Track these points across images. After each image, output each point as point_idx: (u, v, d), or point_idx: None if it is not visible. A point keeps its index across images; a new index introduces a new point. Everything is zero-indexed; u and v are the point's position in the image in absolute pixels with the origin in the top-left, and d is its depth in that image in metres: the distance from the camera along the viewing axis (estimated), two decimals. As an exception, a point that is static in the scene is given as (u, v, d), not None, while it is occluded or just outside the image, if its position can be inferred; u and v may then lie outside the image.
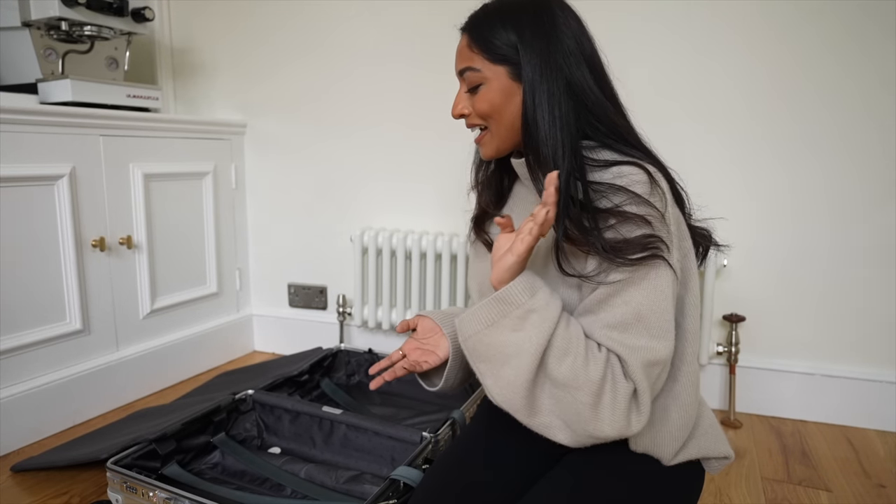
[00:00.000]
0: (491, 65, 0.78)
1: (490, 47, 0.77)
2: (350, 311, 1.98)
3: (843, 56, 1.46)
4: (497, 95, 0.78)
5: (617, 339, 0.70)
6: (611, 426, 0.69)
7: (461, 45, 0.81)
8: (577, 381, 0.68)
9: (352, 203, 1.98)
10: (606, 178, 0.73)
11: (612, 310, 0.70)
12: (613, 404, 0.68)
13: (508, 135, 0.80)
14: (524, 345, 0.69)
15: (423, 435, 1.24)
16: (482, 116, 0.81)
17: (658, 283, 0.70)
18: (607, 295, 0.71)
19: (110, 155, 1.59)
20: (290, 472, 1.25)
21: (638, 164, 0.72)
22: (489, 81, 0.78)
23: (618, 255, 0.68)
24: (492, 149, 0.82)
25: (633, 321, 0.70)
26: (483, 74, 0.78)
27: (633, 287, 0.70)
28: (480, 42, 0.78)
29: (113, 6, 1.60)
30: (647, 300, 0.70)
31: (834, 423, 1.59)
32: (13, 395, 1.40)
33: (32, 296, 1.44)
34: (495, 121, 0.80)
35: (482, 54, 0.78)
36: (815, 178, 1.53)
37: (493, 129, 0.81)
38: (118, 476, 1.12)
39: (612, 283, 0.70)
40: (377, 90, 1.89)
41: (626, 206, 0.70)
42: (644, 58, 1.60)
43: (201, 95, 2.12)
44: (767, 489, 1.27)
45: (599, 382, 0.68)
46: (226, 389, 1.63)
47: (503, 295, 0.71)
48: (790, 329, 1.61)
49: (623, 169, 0.72)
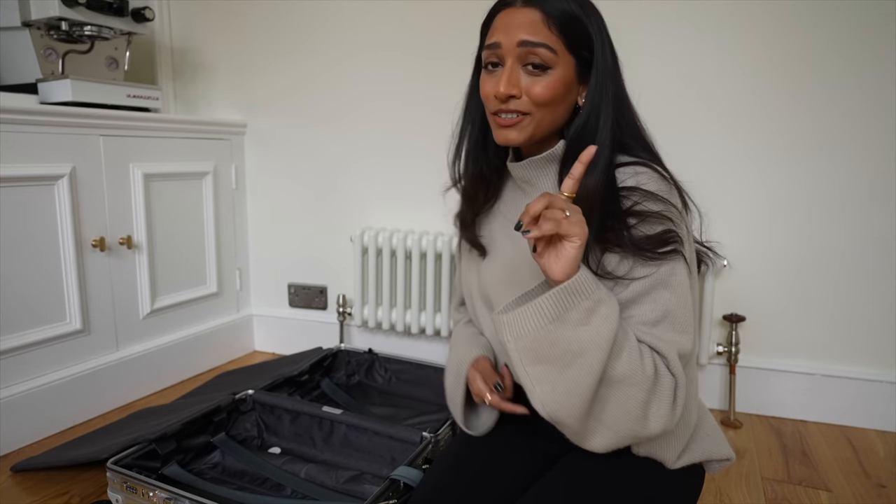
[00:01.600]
0: (566, 51, 0.72)
1: (569, 32, 0.71)
2: (350, 311, 1.98)
3: (852, 54, 1.46)
4: (562, 85, 0.72)
5: (654, 334, 0.70)
6: (657, 422, 0.68)
7: (529, 17, 0.71)
8: (635, 377, 0.66)
9: (352, 203, 1.98)
10: (621, 178, 0.73)
11: (642, 307, 0.71)
12: (661, 399, 0.68)
13: (550, 127, 0.76)
14: (595, 339, 0.63)
15: (423, 435, 1.24)
16: (538, 103, 0.73)
17: (681, 279, 0.71)
18: (636, 294, 0.71)
19: (110, 155, 1.59)
20: (290, 472, 1.25)
21: (649, 165, 0.73)
22: (559, 67, 0.72)
23: (644, 251, 0.69)
24: (526, 135, 0.75)
25: (663, 318, 0.70)
26: (557, 58, 0.71)
27: (660, 286, 0.70)
28: (560, 22, 0.71)
29: (113, 6, 1.60)
30: (673, 298, 0.70)
31: (834, 423, 1.59)
32: (13, 395, 1.40)
33: (32, 296, 1.44)
34: (548, 110, 0.73)
35: (561, 37, 0.71)
36: (815, 179, 1.53)
37: (539, 117, 0.74)
38: (118, 476, 1.12)
39: (639, 282, 0.70)
40: (378, 90, 1.88)
41: (645, 203, 0.70)
42: (652, 54, 1.60)
43: (201, 95, 2.12)
44: (767, 489, 1.27)
45: (653, 377, 0.67)
46: (226, 389, 1.63)
47: (574, 285, 0.63)
48: (790, 329, 1.61)
49: (637, 169, 0.73)
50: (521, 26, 0.71)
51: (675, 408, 0.69)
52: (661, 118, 1.61)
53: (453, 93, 1.78)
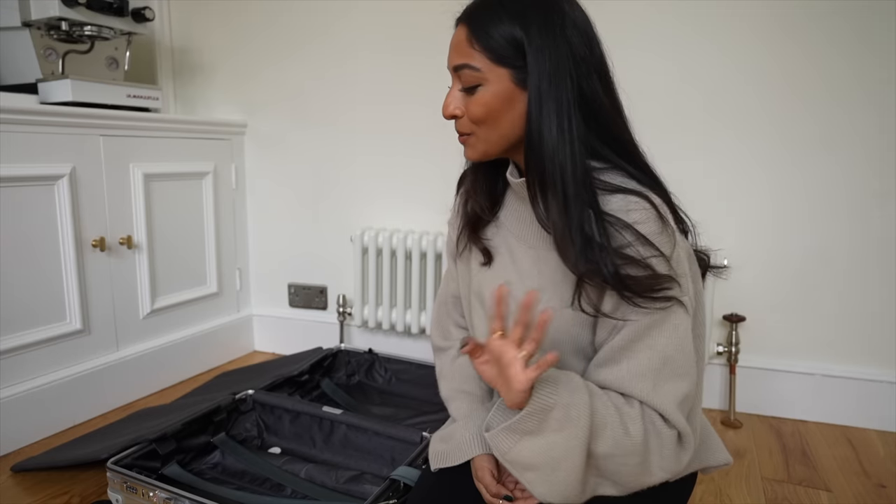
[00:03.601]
0: (493, 65, 0.69)
1: (493, 45, 0.68)
2: (350, 311, 1.98)
3: (855, 56, 1.46)
4: (496, 100, 0.70)
5: (648, 389, 0.67)
6: (662, 472, 0.68)
7: (458, 37, 0.72)
8: (622, 448, 0.66)
9: (352, 203, 1.98)
10: (613, 207, 0.68)
11: (638, 356, 0.67)
12: (661, 454, 0.67)
13: (500, 142, 0.73)
14: (572, 441, 0.65)
15: (423, 435, 1.24)
16: (475, 121, 0.72)
17: (677, 321, 0.68)
18: (629, 341, 0.68)
19: (110, 155, 1.59)
20: (291, 472, 1.25)
21: (645, 197, 0.68)
22: (488, 83, 0.70)
23: (635, 297, 0.66)
24: (478, 152, 0.74)
25: (661, 365, 0.67)
26: (482, 75, 0.69)
27: (656, 330, 0.67)
28: (482, 38, 0.69)
29: (113, 6, 1.60)
30: (670, 342, 0.67)
31: (834, 423, 1.59)
32: (13, 395, 1.40)
33: (32, 296, 1.44)
34: (489, 127, 0.72)
35: (483, 52, 0.69)
36: (814, 179, 1.53)
37: (483, 134, 0.73)
38: (118, 476, 1.12)
39: (632, 327, 0.67)
40: (378, 90, 1.88)
41: (636, 246, 0.66)
42: (655, 53, 1.60)
43: (201, 95, 2.12)
44: (767, 489, 1.27)
45: (643, 442, 0.66)
46: (226, 389, 1.63)
47: (535, 405, 0.65)
48: (790, 329, 1.61)
49: (630, 200, 0.67)
50: (454, 49, 0.72)
51: (683, 454, 0.69)
52: (662, 118, 1.62)
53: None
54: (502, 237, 0.83)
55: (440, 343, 0.99)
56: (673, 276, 0.67)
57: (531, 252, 0.78)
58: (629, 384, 0.68)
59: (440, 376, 0.96)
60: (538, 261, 0.76)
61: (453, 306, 0.98)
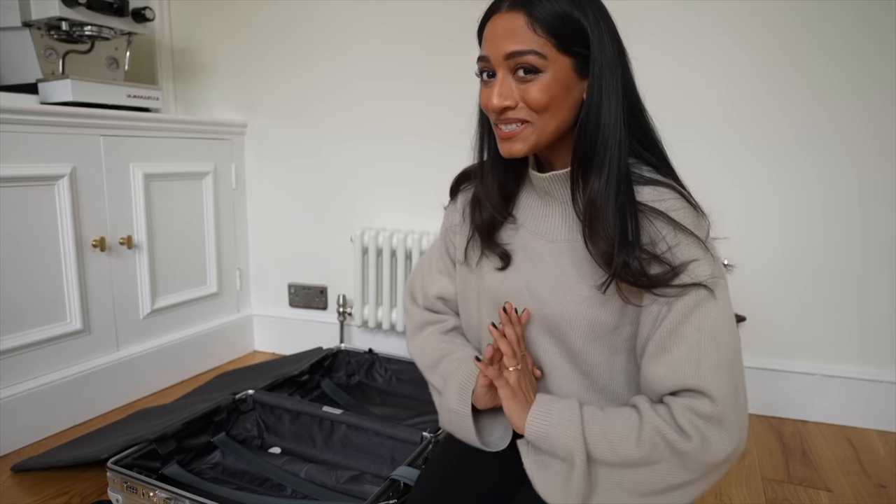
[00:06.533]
0: (557, 53, 0.68)
1: (559, 32, 0.67)
2: (350, 311, 1.98)
3: (834, 57, 1.46)
4: (558, 87, 0.69)
5: (708, 373, 0.68)
6: (722, 450, 0.70)
7: (514, 23, 0.68)
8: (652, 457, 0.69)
9: (352, 203, 1.98)
10: (646, 198, 0.70)
11: (686, 340, 0.68)
12: (679, 461, 0.69)
13: (555, 131, 0.72)
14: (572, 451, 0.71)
15: (423, 435, 1.24)
16: (536, 109, 0.69)
17: (722, 294, 0.70)
18: (676, 324, 0.68)
19: (110, 155, 1.59)
20: (291, 472, 1.25)
21: (676, 189, 0.70)
22: (551, 70, 0.68)
23: (668, 287, 0.67)
24: (529, 144, 0.72)
25: (711, 344, 0.67)
26: (546, 62, 0.68)
27: (700, 309, 0.68)
28: (547, 24, 0.67)
29: (113, 6, 1.60)
30: (718, 316, 0.68)
31: (834, 423, 1.59)
32: (13, 395, 1.40)
33: (33, 296, 1.44)
34: (550, 115, 0.70)
35: (549, 39, 0.67)
36: (813, 179, 1.53)
37: (541, 124, 0.70)
38: (118, 476, 1.12)
39: (677, 310, 0.68)
40: (378, 90, 1.88)
41: (672, 234, 0.68)
42: (663, 51, 1.60)
43: (201, 95, 2.12)
44: (768, 489, 1.27)
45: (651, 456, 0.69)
46: (226, 389, 1.63)
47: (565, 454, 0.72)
48: (790, 329, 1.61)
49: (662, 191, 0.70)
50: (505, 36, 0.69)
51: (724, 439, 0.69)
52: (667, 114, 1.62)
53: (455, 93, 1.79)
54: (519, 237, 0.82)
55: (425, 316, 0.98)
56: (711, 259, 0.69)
57: (551, 246, 0.78)
58: (681, 370, 0.68)
59: (426, 337, 0.94)
60: (560, 255, 0.77)
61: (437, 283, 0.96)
